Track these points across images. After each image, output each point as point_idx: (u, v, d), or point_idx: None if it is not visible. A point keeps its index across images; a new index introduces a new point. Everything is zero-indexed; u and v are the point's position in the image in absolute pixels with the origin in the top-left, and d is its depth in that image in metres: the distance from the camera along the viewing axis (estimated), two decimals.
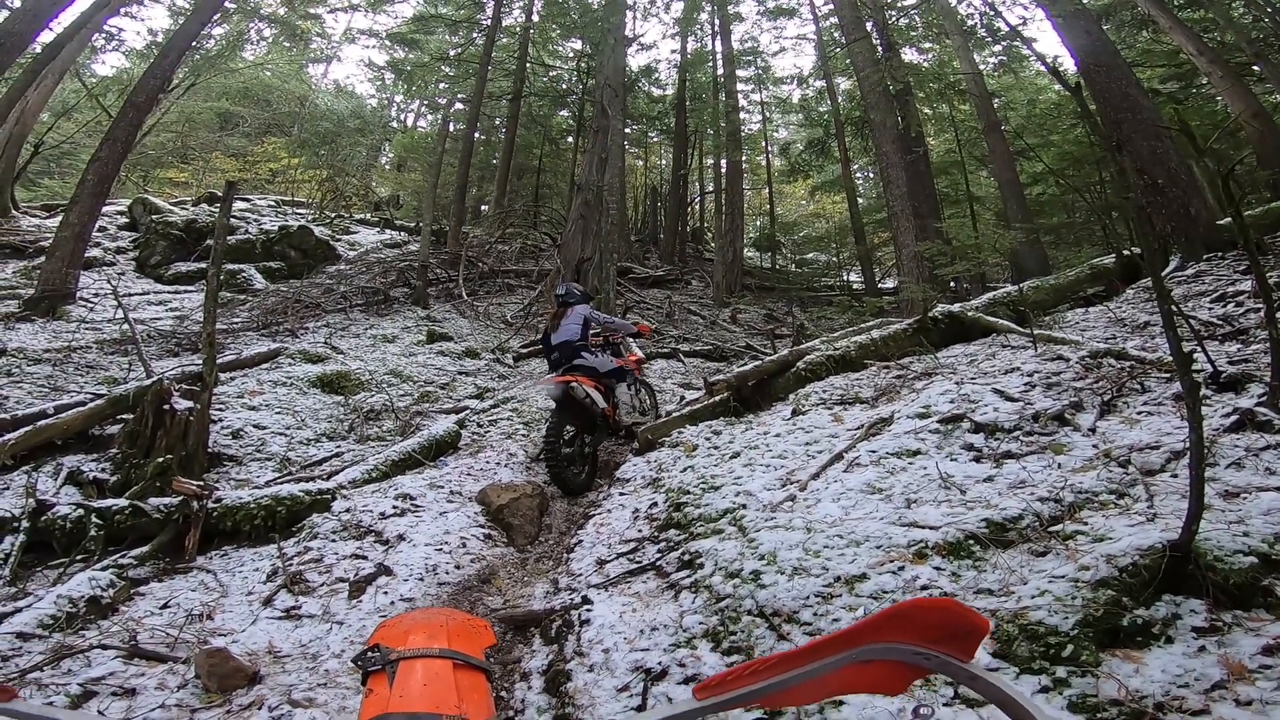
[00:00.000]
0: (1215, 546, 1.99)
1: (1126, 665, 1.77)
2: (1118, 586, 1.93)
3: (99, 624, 3.09)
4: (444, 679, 0.95)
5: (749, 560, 2.47)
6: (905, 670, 0.59)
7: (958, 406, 3.48)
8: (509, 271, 13.27)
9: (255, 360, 7.59)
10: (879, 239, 18.93)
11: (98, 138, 10.65)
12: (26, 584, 3.48)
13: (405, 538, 3.57)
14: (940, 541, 2.26)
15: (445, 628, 1.09)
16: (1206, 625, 1.84)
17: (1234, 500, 2.33)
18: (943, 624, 0.57)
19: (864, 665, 0.58)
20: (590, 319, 5.38)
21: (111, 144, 9.41)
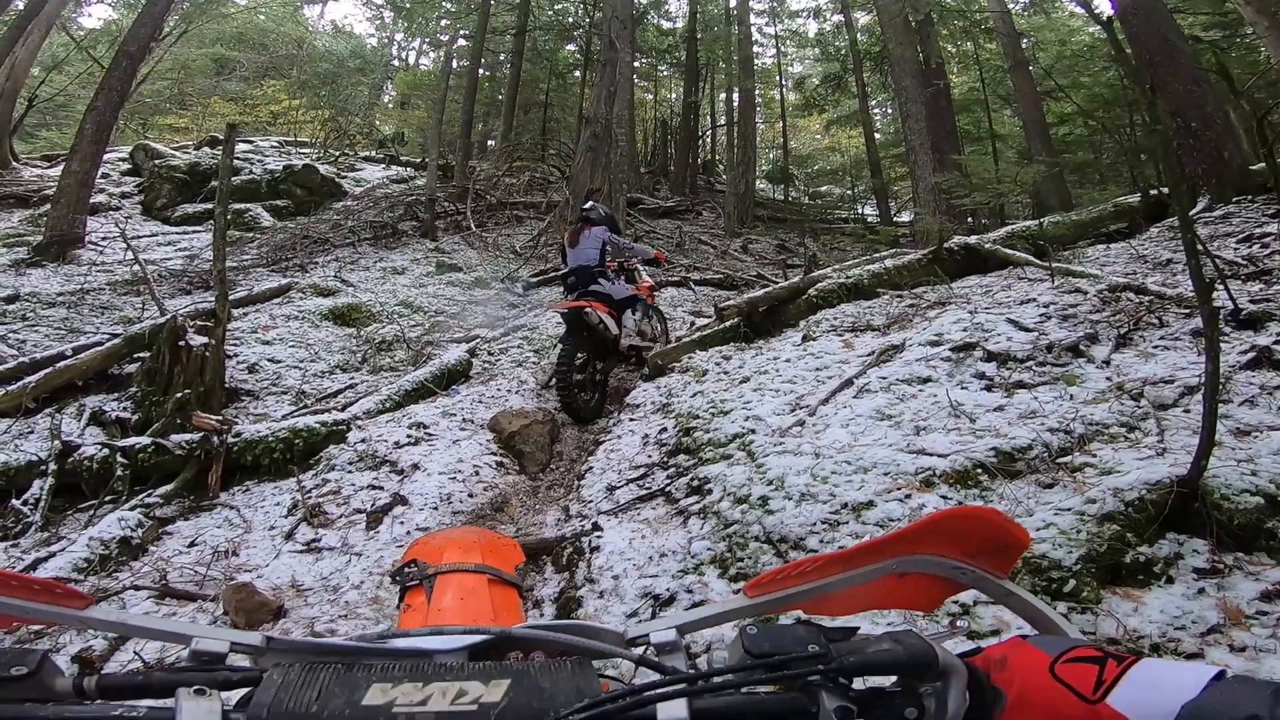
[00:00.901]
0: (1223, 485, 1.96)
1: (1126, 604, 1.78)
2: (1123, 522, 1.92)
3: (130, 565, 3.17)
4: (479, 593, 0.96)
5: (757, 486, 2.50)
6: (941, 585, 0.58)
7: (971, 335, 3.44)
8: (517, 204, 13.13)
9: (267, 295, 7.64)
10: (896, 173, 18.45)
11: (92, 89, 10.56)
12: (58, 528, 3.55)
13: (420, 467, 3.63)
14: (948, 470, 2.26)
15: (478, 544, 1.10)
16: (1208, 566, 1.83)
17: (1245, 438, 2.31)
18: (983, 534, 0.56)
19: (901, 578, 0.57)
20: (609, 242, 5.27)
21: (107, 93, 9.35)
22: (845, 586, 0.56)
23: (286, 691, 0.44)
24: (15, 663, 0.45)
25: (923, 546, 0.56)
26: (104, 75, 9.73)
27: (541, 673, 0.47)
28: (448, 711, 0.42)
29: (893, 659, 0.47)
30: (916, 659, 0.47)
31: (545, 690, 0.45)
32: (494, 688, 0.44)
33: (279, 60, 23.56)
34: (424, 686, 0.44)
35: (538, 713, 0.43)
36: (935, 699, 0.47)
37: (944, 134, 11.08)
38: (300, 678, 0.45)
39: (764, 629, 0.51)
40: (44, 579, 0.54)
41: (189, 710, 0.43)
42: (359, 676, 0.45)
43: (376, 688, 0.44)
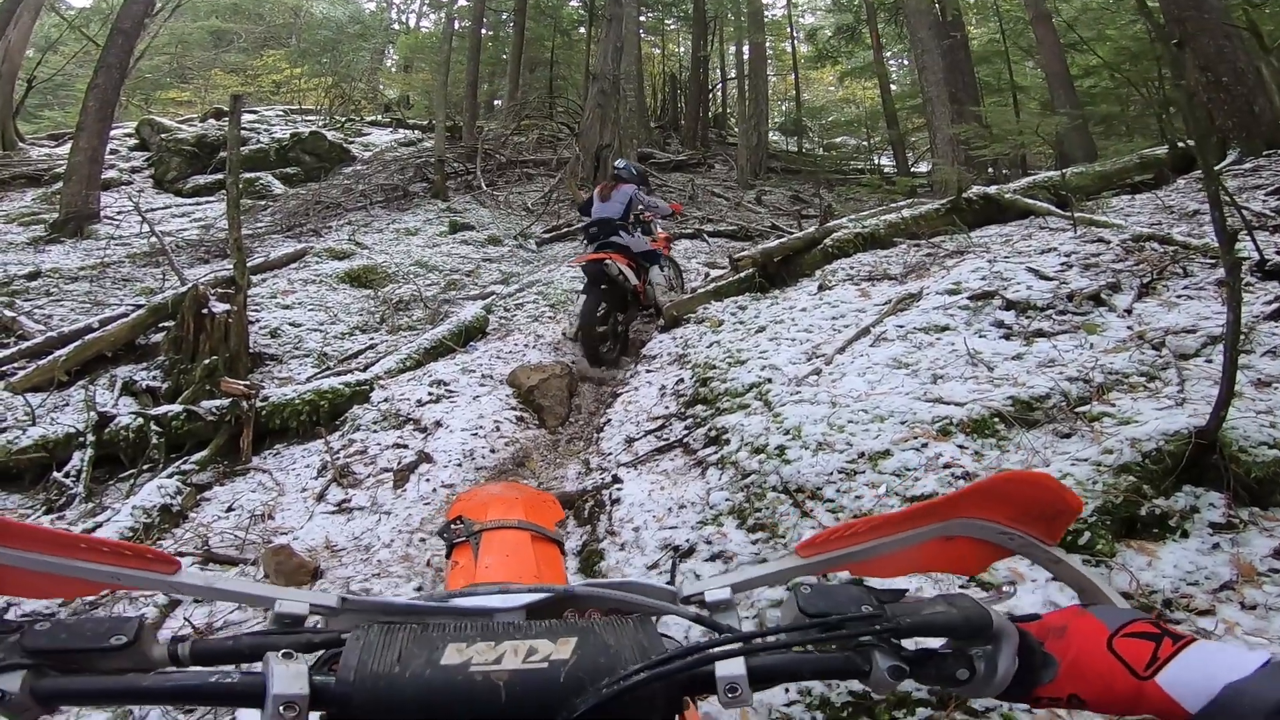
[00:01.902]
0: (1241, 436, 1.93)
1: (1140, 558, 1.77)
2: (1139, 473, 1.91)
3: (173, 532, 3.26)
4: (523, 550, 0.98)
5: (774, 435, 2.53)
6: (987, 549, 0.59)
7: (989, 284, 3.41)
8: (527, 161, 13.08)
9: (283, 261, 7.74)
10: (912, 124, 17.97)
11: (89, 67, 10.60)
12: (101, 498, 3.65)
13: (442, 424, 3.70)
14: (965, 418, 2.28)
15: (520, 501, 1.13)
16: (1224, 521, 1.82)
17: (1265, 389, 2.28)
18: (1034, 500, 0.56)
19: (948, 541, 0.58)
20: (635, 199, 5.44)
21: (106, 70, 9.38)
22: (895, 549, 0.57)
23: (369, 653, 0.45)
24: (115, 631, 0.46)
25: (972, 510, 0.56)
26: (101, 53, 9.73)
27: (606, 630, 0.49)
28: (520, 668, 0.44)
29: (948, 621, 0.48)
30: (972, 621, 0.48)
31: (611, 647, 0.46)
32: (562, 645, 0.46)
33: (277, 29, 23.30)
34: (496, 645, 0.46)
35: (605, 669, 0.44)
36: (985, 661, 0.48)
37: (962, 85, 10.79)
38: (380, 639, 0.47)
39: (818, 588, 0.52)
40: (134, 544, 0.55)
41: (279, 674, 0.44)
42: (434, 636, 0.47)
43: (452, 647, 0.46)
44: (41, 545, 0.50)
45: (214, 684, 0.44)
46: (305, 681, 0.44)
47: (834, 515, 2.12)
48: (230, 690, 0.44)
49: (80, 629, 0.46)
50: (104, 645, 0.45)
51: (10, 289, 6.80)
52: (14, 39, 12.45)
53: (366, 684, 0.43)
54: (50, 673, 0.44)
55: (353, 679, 0.43)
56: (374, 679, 0.43)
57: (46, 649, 0.44)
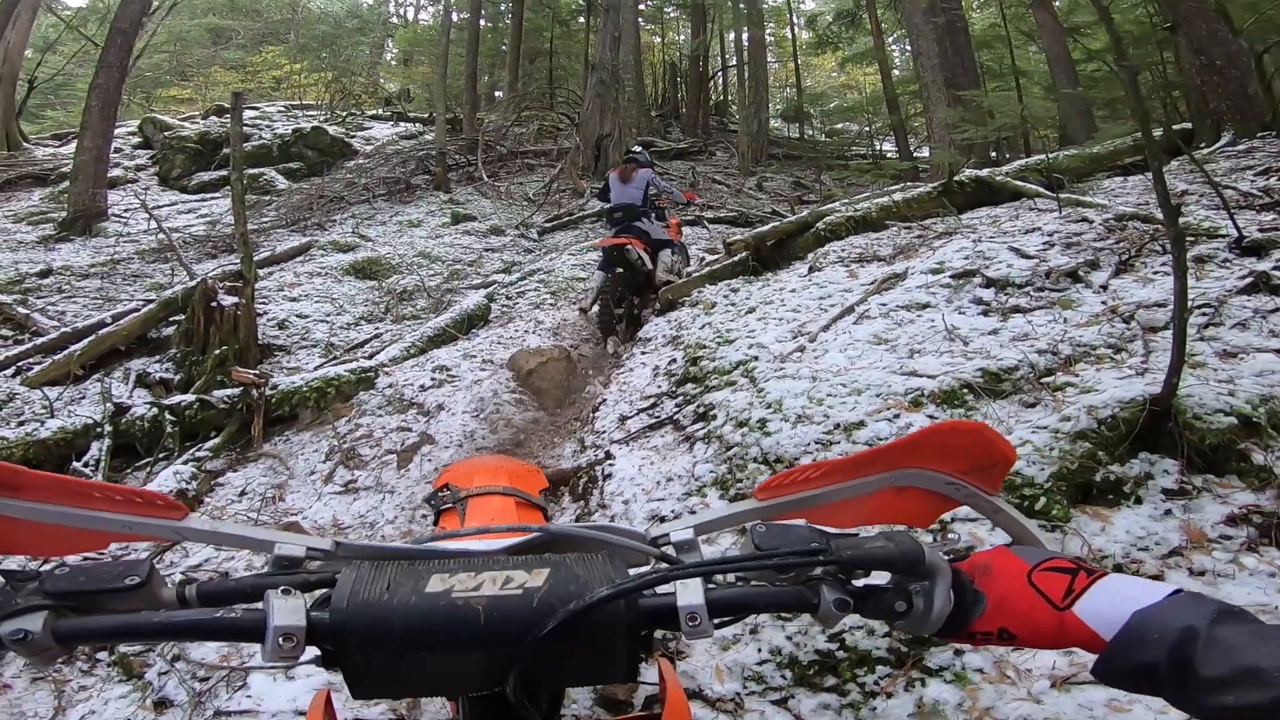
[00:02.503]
0: (1197, 404, 1.98)
1: (1094, 523, 1.82)
2: (1095, 440, 1.96)
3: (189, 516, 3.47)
4: (508, 513, 1.02)
5: (757, 409, 2.64)
6: (936, 500, 0.62)
7: (972, 262, 3.50)
8: (528, 152, 13.20)
9: (289, 255, 7.89)
10: (914, 109, 17.87)
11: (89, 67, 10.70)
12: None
13: (444, 407, 3.85)
14: (936, 390, 2.39)
15: (505, 469, 1.19)
16: (1176, 488, 1.86)
17: (1230, 360, 2.33)
18: (973, 449, 0.60)
19: (899, 492, 0.61)
20: (652, 183, 5.73)
21: (107, 70, 9.47)
22: (847, 496, 0.61)
23: (360, 585, 0.49)
24: (128, 573, 0.50)
25: (919, 460, 0.60)
26: (101, 52, 9.81)
27: (577, 563, 0.53)
28: (498, 594, 0.48)
29: (885, 554, 0.52)
30: (907, 555, 0.51)
31: (580, 577, 0.50)
32: (536, 574, 0.50)
33: (275, 25, 23.35)
34: (477, 575, 0.50)
35: (574, 594, 0.48)
36: (923, 596, 0.51)
37: (963, 70, 10.74)
38: (369, 574, 0.51)
39: (771, 527, 0.56)
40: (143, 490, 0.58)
41: (278, 608, 0.47)
42: (420, 570, 0.51)
43: (436, 577, 0.50)
44: (55, 494, 0.53)
45: (219, 619, 0.48)
46: (302, 614, 0.47)
47: None
48: (234, 625, 0.48)
49: (96, 573, 0.50)
50: (118, 586, 0.49)
51: (23, 286, 6.95)
52: (13, 40, 12.52)
53: (357, 612, 0.47)
54: (69, 614, 0.47)
55: (345, 607, 0.48)
56: (364, 607, 0.48)
57: (65, 591, 0.48)
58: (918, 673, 1.65)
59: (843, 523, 0.62)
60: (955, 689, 1.56)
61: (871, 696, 1.63)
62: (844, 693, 1.67)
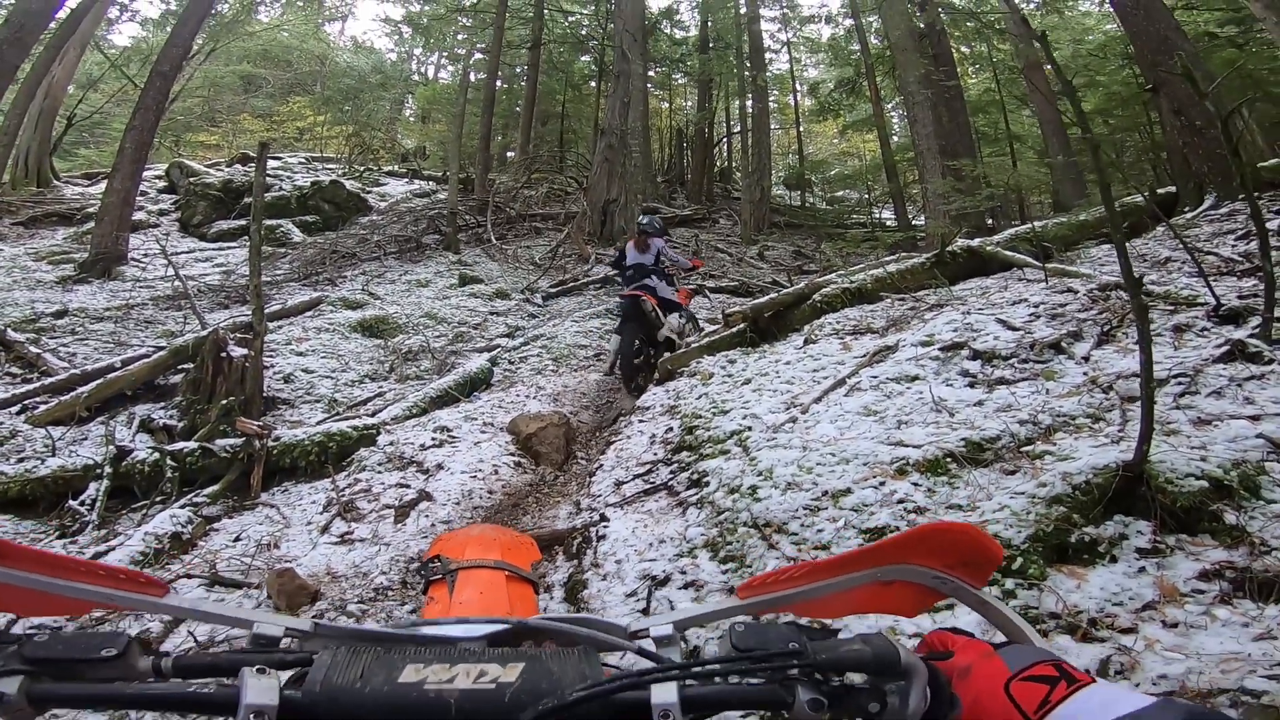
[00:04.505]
0: (1169, 469, 2.05)
1: (1069, 581, 1.87)
2: (1070, 504, 2.03)
3: (182, 558, 3.45)
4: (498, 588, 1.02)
5: (748, 477, 2.71)
6: (923, 593, 0.62)
7: (960, 335, 3.61)
8: (536, 215, 13.48)
9: (299, 309, 8.06)
10: (911, 176, 18.43)
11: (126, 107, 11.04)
12: (114, 526, 3.83)
13: (443, 466, 3.91)
14: (921, 459, 2.45)
15: (497, 541, 1.18)
16: (1150, 546, 1.92)
17: (1204, 427, 2.40)
18: (961, 547, 0.60)
19: (886, 585, 0.61)
20: (662, 252, 6.31)
21: (144, 112, 9.74)
22: (832, 591, 0.61)
23: (335, 670, 0.50)
24: (106, 645, 0.50)
25: (906, 557, 0.60)
26: (140, 95, 10.11)
27: (552, 659, 0.53)
28: (470, 689, 0.49)
29: (859, 657, 0.51)
30: (881, 658, 0.51)
31: (554, 673, 0.51)
32: (510, 669, 0.50)
33: (303, 76, 24.32)
34: (451, 667, 0.50)
35: (547, 692, 0.48)
36: (899, 697, 0.51)
37: (958, 136, 11.09)
38: (345, 659, 0.51)
39: (750, 626, 0.56)
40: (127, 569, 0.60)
41: (252, 686, 0.48)
42: (395, 658, 0.52)
43: (410, 668, 0.50)
44: (41, 567, 0.55)
45: (192, 693, 0.49)
46: (275, 694, 0.48)
47: (796, 547, 2.29)
48: (207, 700, 0.49)
49: (75, 641, 0.50)
50: (95, 656, 0.50)
51: (37, 326, 7.07)
52: (59, 75, 12.80)
53: (330, 698, 0.48)
54: (45, 679, 0.48)
55: (318, 691, 0.48)
56: (337, 693, 0.48)
57: (43, 658, 0.49)
58: None
59: (828, 614, 0.64)
60: None
61: None
62: None
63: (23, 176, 12.88)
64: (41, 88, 12.19)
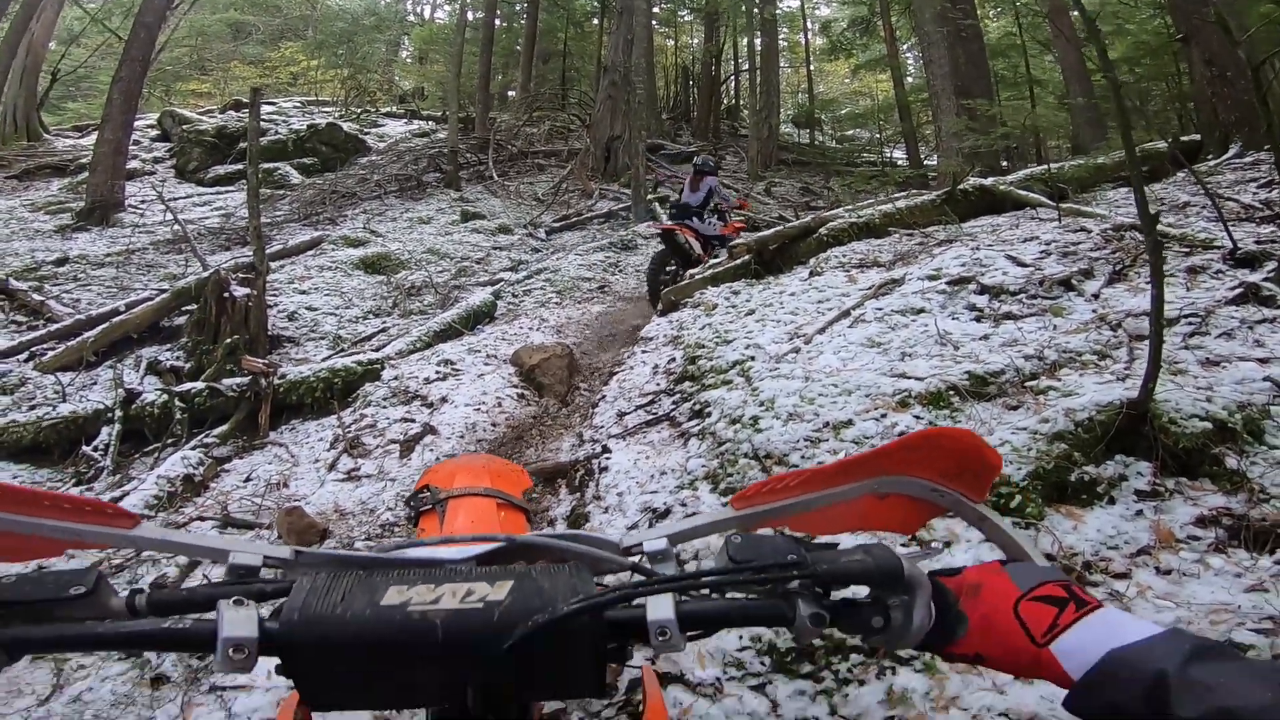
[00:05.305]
0: (1174, 409, 2.01)
1: (1067, 521, 1.85)
2: (1072, 441, 2.00)
3: (195, 500, 3.51)
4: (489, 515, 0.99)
5: (750, 407, 2.71)
6: (920, 507, 0.60)
7: (968, 270, 3.55)
8: (538, 152, 13.36)
9: (301, 248, 8.03)
10: (925, 117, 17.88)
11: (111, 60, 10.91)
12: (127, 470, 3.89)
13: (447, 400, 3.94)
14: (923, 391, 2.44)
15: (487, 469, 1.16)
16: (1149, 489, 1.89)
17: (1212, 368, 2.37)
18: (959, 455, 0.57)
19: (881, 499, 0.59)
20: (714, 190, 6.80)
21: (130, 63, 9.62)
22: (827, 504, 0.58)
23: (314, 596, 0.47)
24: (74, 582, 0.48)
25: (902, 467, 0.58)
26: (125, 46, 9.98)
27: (542, 575, 0.50)
28: (456, 609, 0.46)
29: (862, 568, 0.49)
30: (884, 569, 0.49)
31: (545, 590, 0.48)
32: (498, 587, 0.48)
33: (294, 21, 23.66)
34: (436, 588, 0.48)
35: (537, 609, 0.46)
36: (902, 612, 0.49)
37: (977, 78, 10.73)
38: (325, 584, 0.49)
39: (747, 538, 0.53)
40: (92, 499, 0.56)
41: (229, 619, 0.45)
42: (378, 580, 0.49)
43: (393, 590, 0.48)
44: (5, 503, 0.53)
45: (168, 630, 0.47)
46: (254, 625, 0.45)
47: None
48: (183, 635, 0.47)
49: (42, 581, 0.48)
50: (64, 595, 0.47)
51: (39, 274, 7.07)
52: (38, 32, 12.73)
53: (309, 625, 0.46)
54: (14, 623, 0.46)
55: (296, 619, 0.46)
56: (316, 620, 0.46)
57: (9, 600, 0.47)
58: (889, 661, 1.70)
59: (823, 529, 0.61)
60: (924, 678, 1.61)
61: (845, 684, 1.68)
62: (819, 679, 1.72)
63: (12, 132, 12.84)
64: (22, 45, 12.12)
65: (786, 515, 0.59)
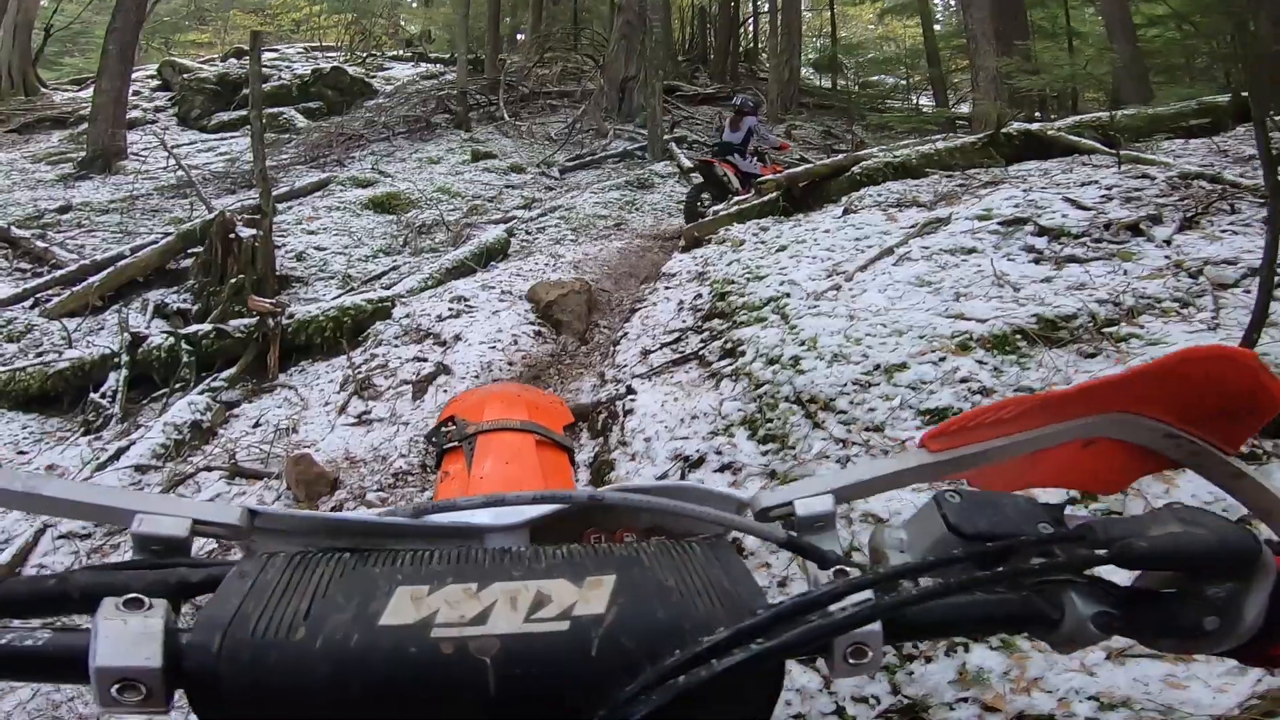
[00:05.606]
0: (1273, 363, 1.81)
1: (1157, 484, 1.66)
2: None
3: (203, 448, 3.40)
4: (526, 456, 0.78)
5: (789, 346, 2.52)
6: (1137, 457, 0.44)
7: (1022, 211, 3.30)
8: (550, 93, 13.05)
9: (308, 190, 7.87)
10: (955, 64, 17.16)
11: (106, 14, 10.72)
12: (136, 417, 3.79)
13: (461, 338, 3.78)
14: (986, 334, 2.23)
15: (523, 399, 0.93)
16: (1246, 451, 1.71)
17: None
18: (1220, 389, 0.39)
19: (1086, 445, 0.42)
20: (754, 129, 6.85)
21: (124, 14, 9.45)
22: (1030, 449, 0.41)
23: (258, 599, 0.28)
24: None
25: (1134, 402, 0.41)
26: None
27: (661, 562, 0.31)
28: (522, 633, 0.27)
29: (1204, 545, 0.32)
30: (1234, 549, 0.32)
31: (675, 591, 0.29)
32: (592, 589, 0.28)
33: None
34: (479, 591, 0.28)
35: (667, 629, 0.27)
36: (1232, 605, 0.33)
37: (1013, 24, 10.24)
38: (282, 576, 0.29)
39: (970, 498, 0.37)
40: None
41: (108, 634, 0.27)
42: (376, 574, 0.30)
43: (403, 593, 0.28)
44: None
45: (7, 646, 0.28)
46: (156, 646, 0.27)
47: (845, 427, 2.12)
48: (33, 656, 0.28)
49: None
50: None
51: (42, 222, 6.94)
52: None
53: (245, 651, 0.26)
54: None
55: (218, 645, 0.26)
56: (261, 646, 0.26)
57: None
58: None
59: (1007, 485, 0.44)
60: (1001, 656, 1.45)
61: (909, 660, 1.52)
62: None
63: (9, 88, 12.65)
64: (13, 1, 11.84)
65: (970, 466, 0.41)
